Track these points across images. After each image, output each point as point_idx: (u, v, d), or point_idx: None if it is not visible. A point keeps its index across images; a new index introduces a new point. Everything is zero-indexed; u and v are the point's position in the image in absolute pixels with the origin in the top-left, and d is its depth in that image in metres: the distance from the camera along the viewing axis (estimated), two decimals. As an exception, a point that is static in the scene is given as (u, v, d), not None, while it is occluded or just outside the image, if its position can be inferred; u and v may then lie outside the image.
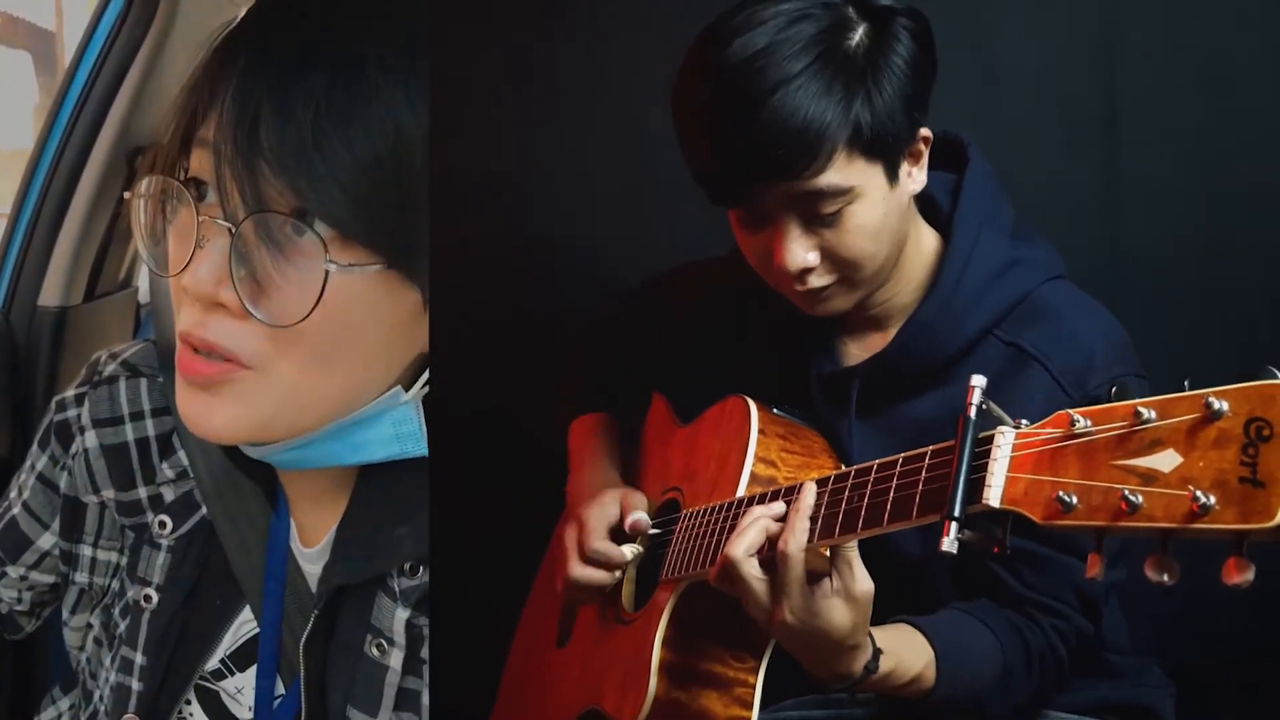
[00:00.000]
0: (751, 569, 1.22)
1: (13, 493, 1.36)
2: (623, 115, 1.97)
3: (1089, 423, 0.98)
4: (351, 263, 1.08)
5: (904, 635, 1.29)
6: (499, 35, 2.01)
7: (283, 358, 1.10)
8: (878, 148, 1.30)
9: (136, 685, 1.28)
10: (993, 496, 1.03)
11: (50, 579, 1.35)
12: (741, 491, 1.34)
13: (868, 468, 1.18)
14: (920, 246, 1.39)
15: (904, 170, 1.33)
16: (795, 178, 1.28)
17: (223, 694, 1.28)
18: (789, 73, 1.26)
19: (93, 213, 1.94)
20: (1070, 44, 1.92)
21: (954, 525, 1.04)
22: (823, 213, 1.30)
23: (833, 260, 1.32)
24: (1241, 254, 1.88)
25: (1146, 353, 1.37)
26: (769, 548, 1.22)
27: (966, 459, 1.05)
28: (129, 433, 1.30)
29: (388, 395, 1.17)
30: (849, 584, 1.19)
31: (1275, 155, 1.85)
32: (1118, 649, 1.47)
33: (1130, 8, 1.90)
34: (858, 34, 1.30)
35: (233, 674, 1.28)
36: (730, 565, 1.23)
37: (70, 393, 1.32)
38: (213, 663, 1.28)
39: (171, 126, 1.12)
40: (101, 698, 1.31)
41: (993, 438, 1.05)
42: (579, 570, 1.45)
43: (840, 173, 1.29)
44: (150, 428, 1.30)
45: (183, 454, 1.29)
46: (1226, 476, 0.89)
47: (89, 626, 1.34)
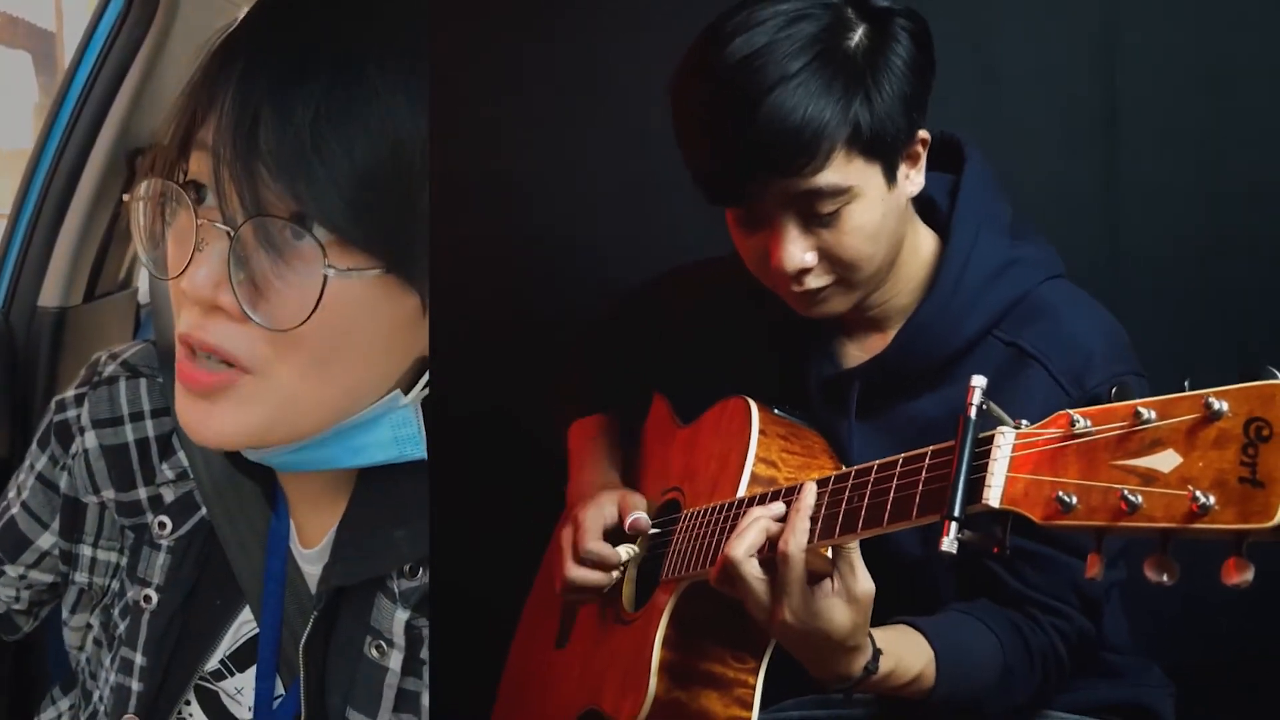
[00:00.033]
0: (752, 569, 1.22)
1: (11, 492, 1.36)
2: (623, 115, 1.96)
3: (1089, 423, 0.98)
4: (350, 267, 1.08)
5: (904, 636, 1.29)
6: (499, 35, 2.00)
7: (282, 362, 1.10)
8: (877, 148, 1.30)
9: (136, 686, 1.28)
10: (993, 496, 1.03)
11: (49, 578, 1.35)
12: (742, 492, 1.34)
13: (868, 468, 1.18)
14: (918, 248, 1.39)
15: (902, 172, 1.33)
16: (794, 175, 1.28)
17: (222, 694, 1.28)
18: (788, 71, 1.27)
19: (92, 213, 1.94)
20: (1070, 44, 1.92)
21: (954, 525, 1.04)
22: (821, 213, 1.30)
23: (830, 261, 1.32)
24: (1241, 254, 1.87)
25: (1146, 353, 1.37)
26: (769, 548, 1.22)
27: (966, 459, 1.05)
28: (129, 433, 1.30)
29: (387, 399, 1.17)
30: (850, 584, 1.19)
31: (1275, 155, 1.85)
32: (1118, 649, 1.46)
33: (1130, 8, 1.90)
34: (857, 34, 1.30)
35: (232, 674, 1.28)
36: (731, 566, 1.23)
37: (70, 393, 1.32)
38: (212, 663, 1.28)
39: (170, 129, 1.12)
40: (101, 698, 1.31)
41: (993, 438, 1.05)
42: (574, 571, 1.45)
43: (839, 172, 1.29)
44: (150, 428, 1.30)
45: (182, 455, 1.29)
46: (1226, 476, 0.89)
47: (88, 627, 1.34)
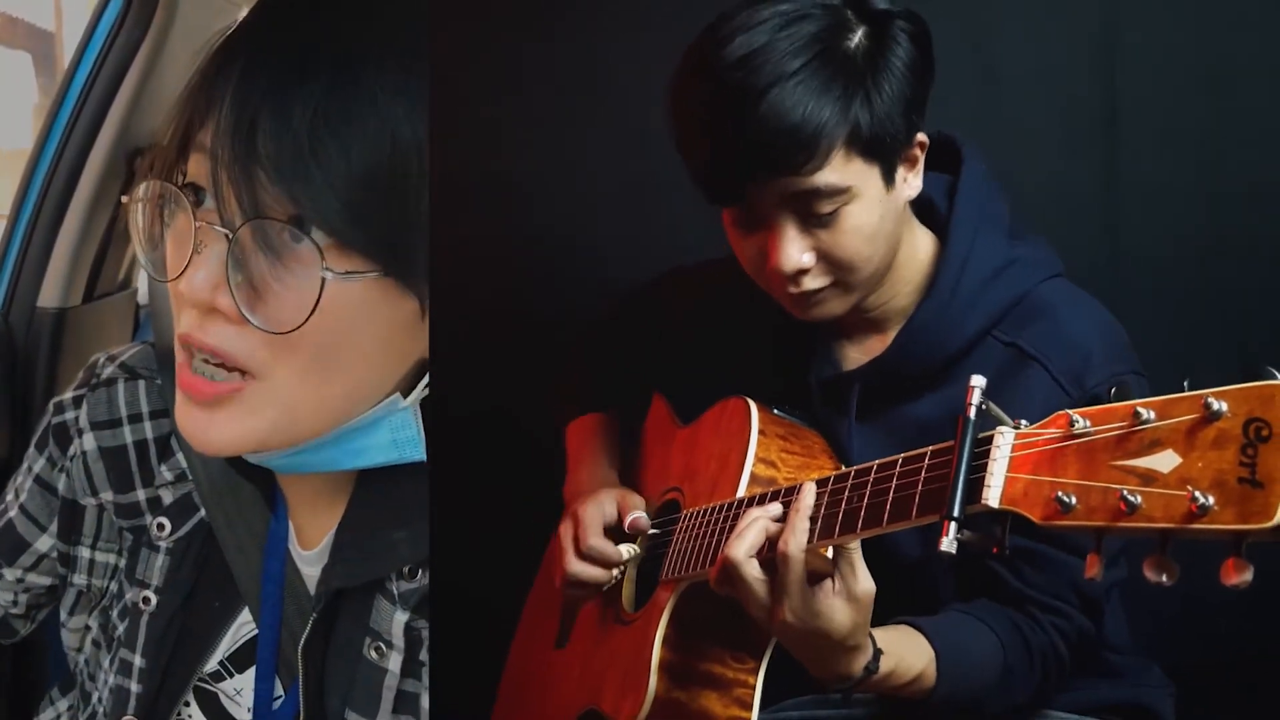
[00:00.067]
0: (752, 570, 1.22)
1: (9, 495, 1.35)
2: (623, 115, 1.96)
3: (1088, 423, 0.98)
4: (348, 270, 1.08)
5: (904, 635, 1.29)
6: (499, 35, 2.00)
7: (281, 365, 1.10)
8: (876, 149, 1.30)
9: (135, 687, 1.28)
10: (992, 497, 1.03)
11: (47, 581, 1.35)
12: (742, 492, 1.34)
13: (867, 468, 1.18)
14: (915, 250, 1.39)
15: (900, 175, 1.33)
16: (793, 173, 1.28)
17: (222, 696, 1.28)
18: (787, 70, 1.26)
19: (92, 213, 1.94)
20: (1070, 44, 1.92)
21: (953, 525, 1.04)
22: (819, 212, 1.30)
23: (828, 262, 1.32)
24: (1241, 254, 1.87)
25: (1146, 353, 1.37)
26: (769, 548, 1.22)
27: (966, 459, 1.05)
28: (127, 435, 1.29)
29: (386, 402, 1.17)
30: (851, 584, 1.19)
31: (1275, 155, 1.84)
32: (1118, 649, 1.46)
33: (1130, 8, 1.90)
34: (857, 36, 1.30)
35: (231, 676, 1.28)
36: (731, 566, 1.22)
37: (68, 395, 1.32)
38: (212, 664, 1.28)
39: (169, 131, 1.12)
40: (100, 699, 1.31)
41: (992, 438, 1.05)
42: (575, 565, 1.45)
43: (838, 172, 1.28)
44: (149, 430, 1.30)
45: (181, 456, 1.29)
46: (1225, 477, 0.89)
47: (87, 628, 1.34)
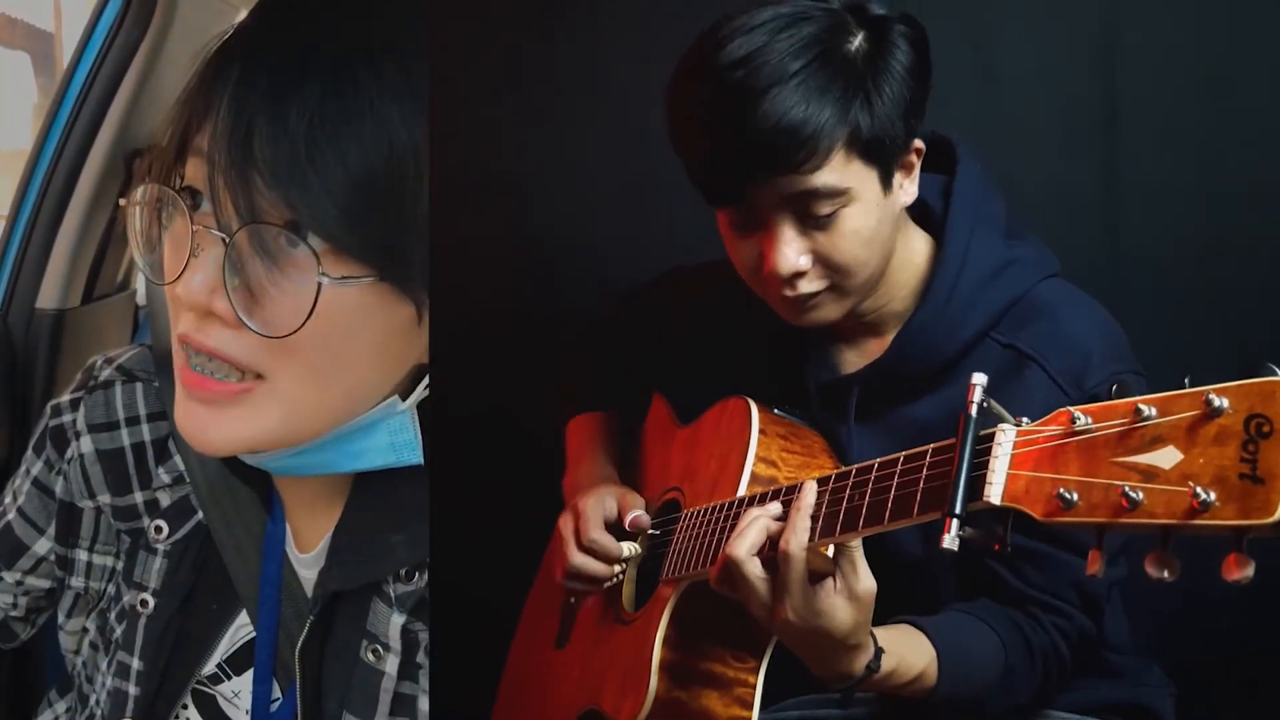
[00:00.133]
0: (754, 569, 1.22)
1: (7, 498, 1.35)
2: (623, 115, 1.96)
3: (1090, 420, 0.98)
4: (344, 275, 1.08)
5: (905, 635, 1.29)
6: (499, 35, 2.00)
7: (279, 368, 1.10)
8: (875, 151, 1.30)
9: (133, 690, 1.27)
10: (994, 494, 1.02)
11: (46, 584, 1.35)
12: (742, 491, 1.34)
13: (868, 466, 1.18)
14: (911, 253, 1.39)
15: (897, 180, 1.33)
16: (793, 172, 1.27)
17: (219, 698, 1.28)
18: (787, 70, 1.26)
19: (91, 214, 1.94)
20: (1070, 44, 1.92)
21: (955, 522, 1.04)
22: (818, 214, 1.29)
23: (825, 265, 1.32)
24: (1241, 254, 1.87)
25: (1146, 353, 1.37)
26: (770, 547, 1.22)
27: (968, 456, 1.05)
28: (125, 438, 1.29)
29: (384, 404, 1.17)
30: (852, 583, 1.19)
31: (1275, 155, 1.85)
32: (1118, 649, 1.46)
33: (1130, 8, 1.90)
34: (857, 39, 1.30)
35: (229, 678, 1.28)
36: (732, 565, 1.22)
37: (65, 398, 1.32)
38: (209, 667, 1.28)
39: (167, 134, 1.12)
40: (98, 702, 1.31)
41: (994, 435, 1.04)
42: (577, 558, 1.45)
43: (837, 173, 1.28)
44: (146, 433, 1.29)
45: (179, 459, 1.29)
46: (1226, 473, 0.89)
47: (84, 631, 1.34)
